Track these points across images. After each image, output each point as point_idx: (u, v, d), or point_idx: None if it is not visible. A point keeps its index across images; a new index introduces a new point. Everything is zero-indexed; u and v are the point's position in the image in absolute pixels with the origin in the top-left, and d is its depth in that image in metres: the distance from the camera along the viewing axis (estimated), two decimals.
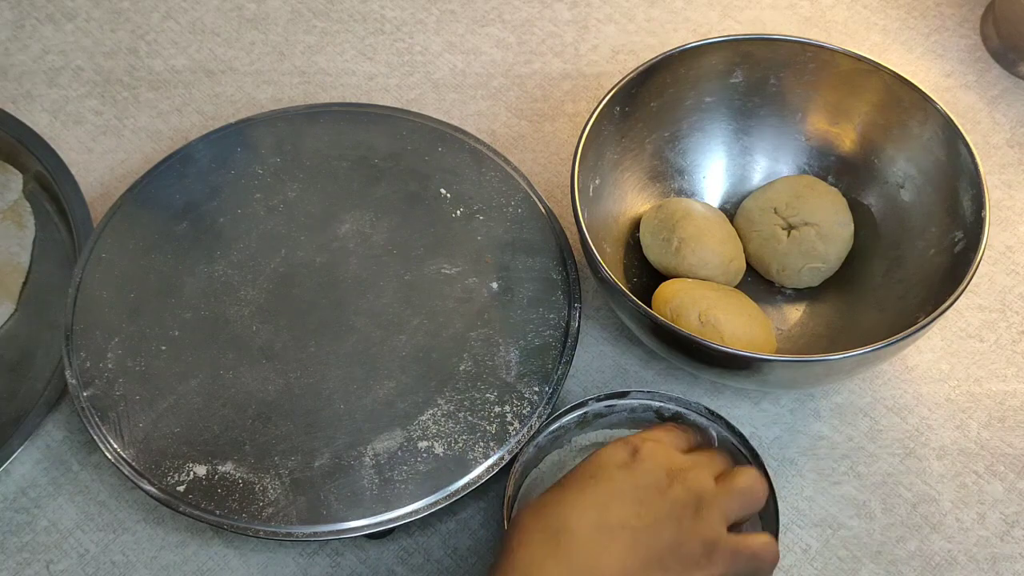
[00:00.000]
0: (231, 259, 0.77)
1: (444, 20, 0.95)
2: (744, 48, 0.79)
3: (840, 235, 0.79)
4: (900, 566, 0.72)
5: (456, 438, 0.71)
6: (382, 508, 0.68)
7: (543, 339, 0.74)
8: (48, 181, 0.83)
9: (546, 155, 0.88)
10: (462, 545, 0.72)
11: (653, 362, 0.79)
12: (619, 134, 0.79)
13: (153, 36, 0.95)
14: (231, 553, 0.72)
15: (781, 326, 0.79)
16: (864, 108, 0.80)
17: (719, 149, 0.83)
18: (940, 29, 0.94)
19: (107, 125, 0.90)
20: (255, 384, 0.73)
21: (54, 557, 0.72)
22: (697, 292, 0.74)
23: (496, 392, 0.72)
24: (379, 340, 0.75)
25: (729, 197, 0.84)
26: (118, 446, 0.70)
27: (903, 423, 0.77)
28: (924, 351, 0.79)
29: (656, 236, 0.78)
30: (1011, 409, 0.77)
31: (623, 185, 0.81)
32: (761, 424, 0.77)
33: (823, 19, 0.95)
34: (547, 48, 0.94)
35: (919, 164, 0.77)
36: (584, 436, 0.73)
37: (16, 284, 0.81)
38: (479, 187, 0.81)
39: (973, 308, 0.81)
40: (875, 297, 0.77)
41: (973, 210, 0.72)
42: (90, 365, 0.73)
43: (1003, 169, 0.87)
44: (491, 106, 0.91)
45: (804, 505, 0.74)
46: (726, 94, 0.81)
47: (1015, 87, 0.91)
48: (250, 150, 0.82)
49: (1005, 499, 0.74)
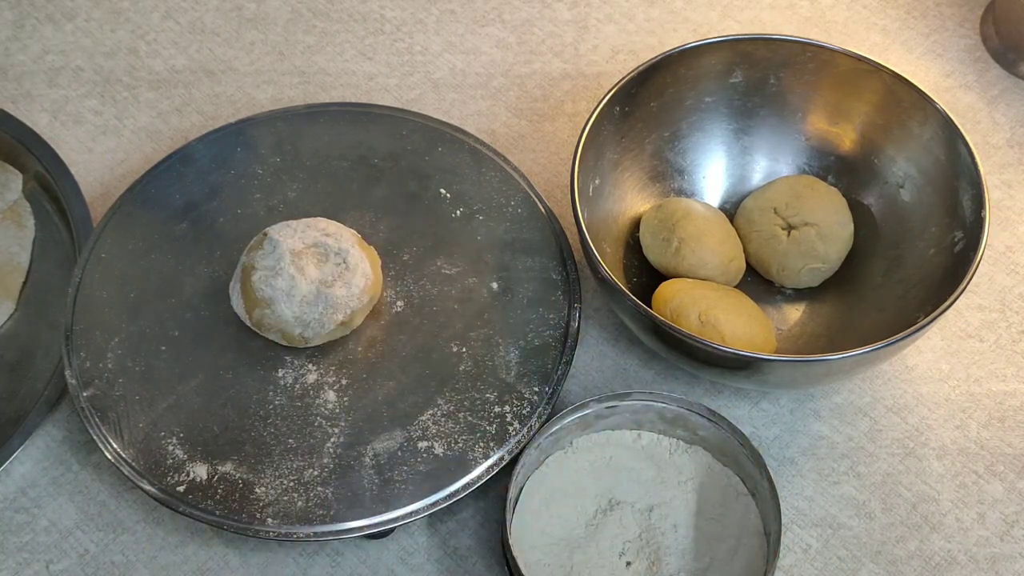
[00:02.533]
0: (231, 259, 0.77)
1: (444, 20, 0.95)
2: (744, 48, 0.79)
3: (840, 235, 0.79)
4: (900, 566, 0.72)
5: (456, 438, 0.71)
6: (382, 508, 0.68)
7: (543, 339, 0.74)
8: (48, 181, 0.83)
9: (546, 155, 0.88)
10: (462, 545, 0.72)
11: (653, 362, 0.79)
12: (619, 134, 0.79)
13: (153, 36, 0.95)
14: (231, 553, 0.72)
15: (781, 326, 0.79)
16: (864, 108, 0.80)
17: (719, 149, 0.83)
18: (940, 29, 0.94)
19: (107, 125, 0.90)
20: (255, 384, 0.73)
21: (54, 557, 0.72)
22: (697, 292, 0.74)
23: (496, 392, 0.72)
24: (379, 340, 0.75)
25: (729, 197, 0.84)
26: (118, 446, 0.70)
27: (903, 423, 0.77)
28: (924, 351, 0.79)
29: (656, 236, 0.78)
30: (1011, 409, 0.77)
31: (623, 185, 0.81)
32: (761, 424, 0.77)
33: (823, 19, 0.95)
34: (547, 48, 0.94)
35: (919, 164, 0.77)
36: (585, 437, 0.73)
37: (16, 284, 0.81)
38: (479, 187, 0.81)
39: (973, 308, 0.81)
40: (875, 297, 0.77)
41: (973, 210, 0.72)
42: (90, 365, 0.73)
43: (1003, 169, 0.87)
44: (491, 106, 0.91)
45: (804, 505, 0.74)
46: (726, 94, 0.81)
47: (1015, 87, 0.91)
48: (250, 150, 0.82)
49: (1005, 499, 0.74)
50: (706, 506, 0.71)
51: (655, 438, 0.73)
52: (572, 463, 0.72)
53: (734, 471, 0.72)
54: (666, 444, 0.73)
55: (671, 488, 0.72)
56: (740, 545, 0.69)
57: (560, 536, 0.70)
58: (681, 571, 0.69)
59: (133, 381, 0.73)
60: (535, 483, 0.72)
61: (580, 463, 0.72)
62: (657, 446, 0.73)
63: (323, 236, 0.73)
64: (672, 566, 0.69)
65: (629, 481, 0.72)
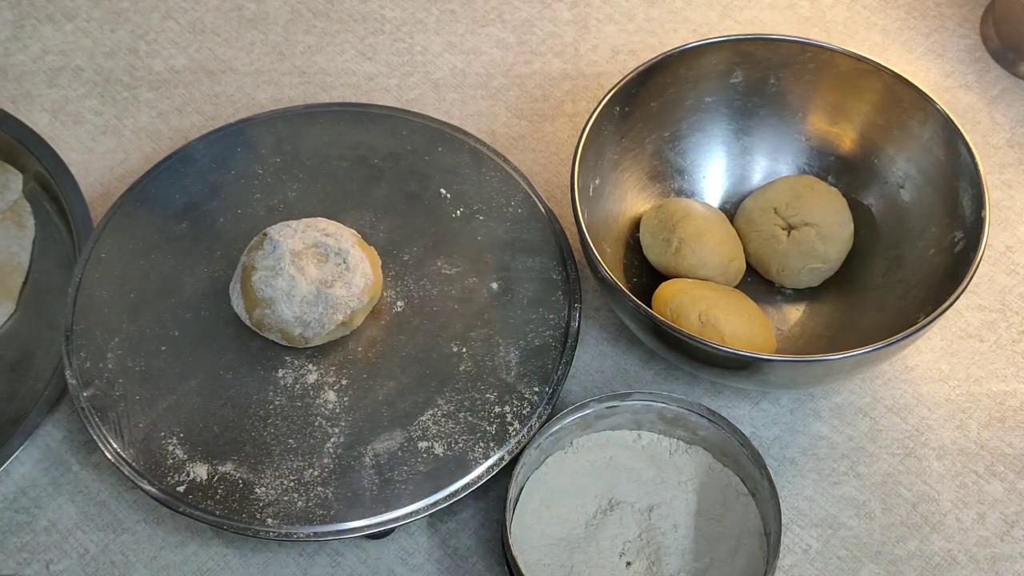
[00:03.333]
0: (231, 259, 0.77)
1: (444, 20, 0.95)
2: (744, 48, 0.79)
3: (840, 235, 0.79)
4: (900, 566, 0.72)
5: (456, 438, 0.71)
6: (382, 508, 0.68)
7: (543, 339, 0.74)
8: (48, 181, 0.83)
9: (546, 155, 0.88)
10: (462, 545, 0.72)
11: (653, 362, 0.79)
12: (619, 134, 0.79)
13: (153, 36, 0.95)
14: (231, 553, 0.72)
15: (781, 326, 0.79)
16: (864, 108, 0.80)
17: (719, 149, 0.83)
18: (940, 29, 0.94)
19: (107, 125, 0.90)
20: (255, 384, 0.73)
21: (54, 557, 0.72)
22: (697, 292, 0.74)
23: (496, 392, 0.72)
24: (379, 340, 0.75)
25: (729, 197, 0.84)
26: (118, 446, 0.70)
27: (903, 423, 0.77)
28: (924, 351, 0.79)
29: (656, 236, 0.78)
30: (1011, 409, 0.77)
31: (623, 185, 0.81)
32: (761, 424, 0.77)
33: (823, 19, 0.95)
34: (547, 48, 0.94)
35: (919, 164, 0.77)
36: (586, 437, 0.73)
37: (16, 284, 0.81)
38: (479, 187, 0.81)
39: (973, 308, 0.81)
40: (875, 297, 0.77)
41: (973, 210, 0.72)
42: (90, 365, 0.73)
43: (1003, 169, 0.87)
44: (491, 106, 0.91)
45: (804, 505, 0.74)
46: (726, 94, 0.81)
47: (1015, 87, 0.91)
48: (250, 150, 0.82)
49: (1005, 499, 0.74)
50: (706, 506, 0.71)
51: (655, 438, 0.73)
52: (572, 463, 0.72)
53: (734, 471, 0.72)
54: (666, 444, 0.73)
55: (671, 488, 0.72)
56: (740, 545, 0.69)
57: (560, 536, 0.70)
58: (681, 571, 0.69)
59: (133, 381, 0.73)
60: (535, 483, 0.71)
61: (580, 463, 0.72)
62: (657, 446, 0.73)
63: (323, 236, 0.73)
64: (672, 566, 0.69)
65: (629, 481, 0.72)
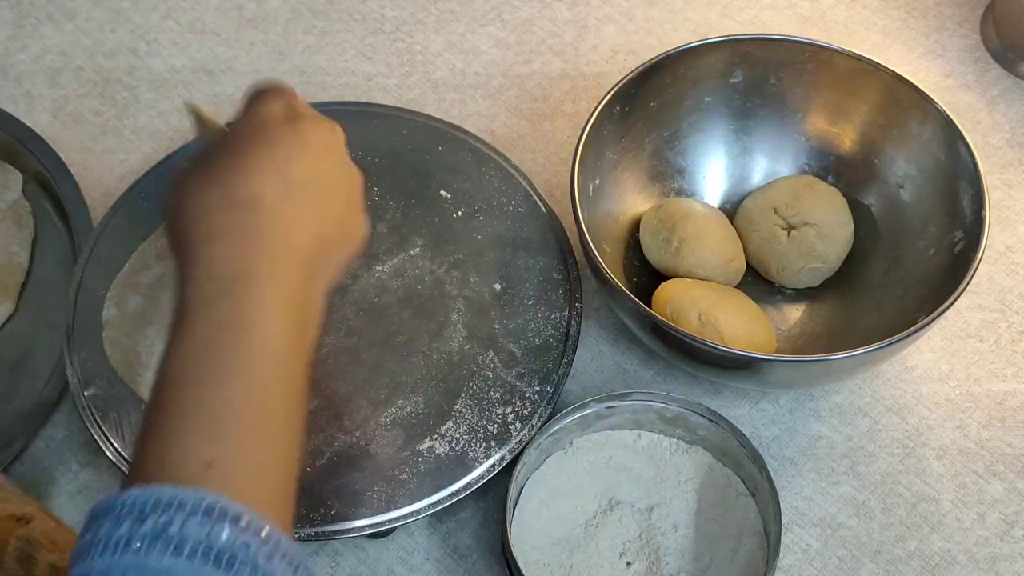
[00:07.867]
0: None
1: (444, 20, 0.95)
2: (743, 48, 0.79)
3: (840, 235, 0.79)
4: (900, 566, 0.72)
5: (457, 438, 0.71)
6: (382, 508, 0.68)
7: (543, 339, 0.74)
8: (48, 181, 0.83)
9: (546, 155, 0.88)
10: (462, 545, 0.72)
11: (653, 362, 0.79)
12: (619, 134, 0.79)
13: (153, 36, 0.95)
14: None
15: (781, 326, 0.79)
16: (864, 108, 0.80)
17: (719, 149, 0.83)
18: (940, 29, 0.94)
19: (107, 125, 0.90)
20: None
21: None
22: (697, 292, 0.74)
23: (496, 392, 0.72)
24: (379, 340, 0.75)
25: (729, 197, 0.84)
26: (119, 446, 0.70)
27: (903, 423, 0.77)
28: (924, 351, 0.79)
29: (656, 236, 0.78)
30: (1011, 409, 0.77)
31: (623, 185, 0.81)
32: (761, 424, 0.77)
33: (823, 19, 0.95)
34: (547, 48, 0.94)
35: (919, 164, 0.77)
36: (585, 437, 0.73)
37: (16, 284, 0.81)
38: (479, 187, 0.81)
39: (973, 308, 0.81)
40: (875, 297, 0.77)
41: (973, 210, 0.72)
42: (91, 364, 0.73)
43: (1003, 169, 0.87)
44: (491, 106, 0.91)
45: (804, 505, 0.74)
46: (726, 94, 0.81)
47: (1015, 87, 0.91)
48: None
49: (1005, 499, 0.74)
50: (706, 506, 0.71)
51: (655, 438, 0.73)
52: (572, 463, 0.72)
53: (734, 471, 0.72)
54: (666, 444, 0.73)
55: (671, 488, 0.72)
56: (740, 545, 0.69)
57: (560, 536, 0.70)
58: (681, 571, 0.69)
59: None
60: (535, 483, 0.72)
61: (580, 463, 0.72)
62: (657, 446, 0.73)
63: None
64: (672, 566, 0.69)
65: (629, 481, 0.72)
